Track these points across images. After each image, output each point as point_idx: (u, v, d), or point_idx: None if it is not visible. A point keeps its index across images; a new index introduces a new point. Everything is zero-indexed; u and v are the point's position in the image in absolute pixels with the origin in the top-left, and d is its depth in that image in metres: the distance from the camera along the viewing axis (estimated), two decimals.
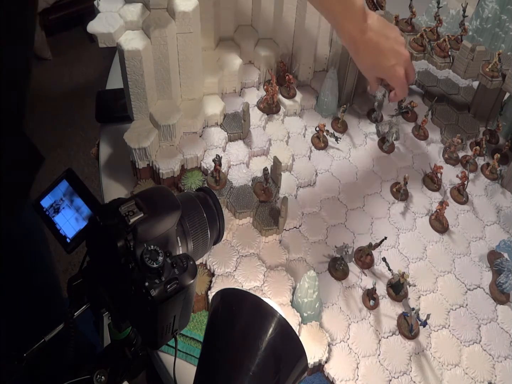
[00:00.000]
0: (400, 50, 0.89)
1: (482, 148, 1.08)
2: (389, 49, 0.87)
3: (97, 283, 0.56)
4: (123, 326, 0.59)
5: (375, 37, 0.85)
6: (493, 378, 0.81)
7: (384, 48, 0.87)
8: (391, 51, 0.88)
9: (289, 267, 0.90)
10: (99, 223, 0.52)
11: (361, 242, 0.94)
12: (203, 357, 0.55)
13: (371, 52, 0.86)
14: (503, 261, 0.91)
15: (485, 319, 0.88)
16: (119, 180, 1.01)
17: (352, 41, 0.86)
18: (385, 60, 0.87)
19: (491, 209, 1.03)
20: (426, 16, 1.31)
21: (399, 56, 0.88)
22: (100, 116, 1.13)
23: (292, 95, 1.13)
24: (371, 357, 0.81)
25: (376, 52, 0.87)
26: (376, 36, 0.86)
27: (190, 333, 0.82)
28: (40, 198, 0.81)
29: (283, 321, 0.52)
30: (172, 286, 0.50)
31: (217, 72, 1.07)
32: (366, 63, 0.89)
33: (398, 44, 0.90)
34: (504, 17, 1.21)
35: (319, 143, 1.08)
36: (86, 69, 2.74)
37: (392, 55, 0.88)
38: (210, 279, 0.86)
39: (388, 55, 0.87)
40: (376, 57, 0.87)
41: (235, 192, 0.95)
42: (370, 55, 0.87)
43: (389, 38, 0.88)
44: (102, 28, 0.86)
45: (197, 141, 1.01)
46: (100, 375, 0.62)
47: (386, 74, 0.90)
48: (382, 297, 0.88)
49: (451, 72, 1.21)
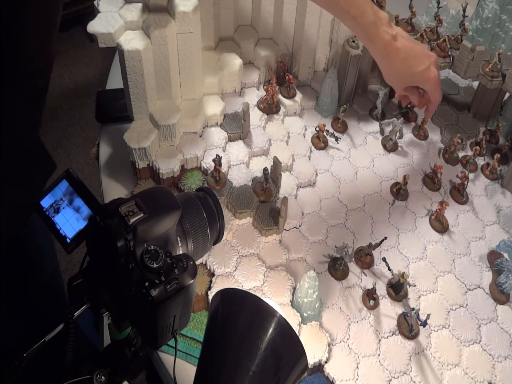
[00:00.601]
0: (429, 52, 0.91)
1: (482, 148, 1.08)
2: (421, 53, 0.88)
3: (97, 283, 0.56)
4: (123, 326, 0.59)
5: (407, 43, 0.86)
6: (493, 378, 0.81)
7: (417, 52, 0.87)
8: (423, 54, 0.88)
9: (289, 267, 0.90)
10: (99, 223, 0.52)
11: (361, 242, 0.94)
12: (203, 357, 0.55)
13: (404, 58, 0.86)
14: (503, 261, 0.91)
15: (485, 319, 0.88)
16: (119, 180, 1.01)
17: (385, 49, 0.86)
18: (419, 64, 0.87)
19: (491, 209, 1.03)
20: (426, 16, 1.31)
21: (430, 57, 0.89)
22: (100, 116, 1.13)
23: (292, 95, 1.13)
24: (371, 357, 0.81)
25: (410, 58, 0.87)
26: (408, 42, 0.87)
27: (190, 333, 0.82)
28: (40, 198, 0.81)
29: (283, 321, 0.52)
30: (172, 286, 0.50)
31: (217, 72, 1.07)
32: (398, 72, 0.89)
33: (425, 48, 0.91)
34: (504, 17, 1.21)
35: (319, 143, 1.08)
36: (86, 69, 2.74)
37: (425, 58, 0.88)
38: (210, 279, 0.86)
39: (422, 58, 0.88)
40: (409, 63, 0.87)
41: (235, 192, 0.95)
42: (403, 61, 0.87)
43: (417, 43, 0.90)
44: (102, 28, 0.86)
45: (197, 141, 1.01)
46: (100, 375, 0.62)
47: (421, 79, 0.90)
48: (382, 297, 0.88)
49: (451, 72, 1.21)
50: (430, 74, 0.89)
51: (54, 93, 2.60)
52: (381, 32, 0.84)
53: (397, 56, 0.86)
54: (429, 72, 0.88)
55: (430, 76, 0.89)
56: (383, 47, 0.85)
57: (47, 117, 2.48)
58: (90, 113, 1.16)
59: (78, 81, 2.68)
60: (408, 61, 0.87)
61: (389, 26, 0.85)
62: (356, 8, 0.82)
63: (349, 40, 1.09)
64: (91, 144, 2.17)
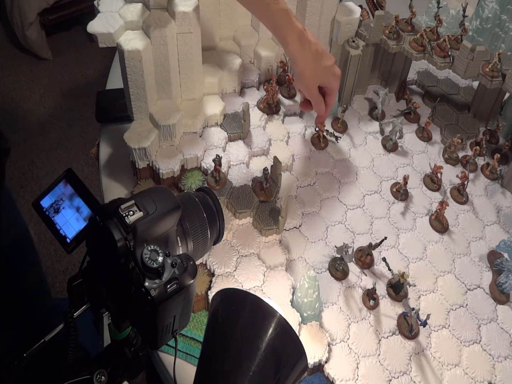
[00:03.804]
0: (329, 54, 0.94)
1: (482, 148, 1.08)
2: (325, 49, 0.91)
3: (97, 283, 0.56)
4: (123, 326, 0.59)
5: (313, 37, 0.89)
6: (493, 378, 0.81)
7: (322, 48, 0.90)
8: (326, 51, 0.92)
9: (289, 267, 0.90)
10: (99, 223, 0.52)
11: (361, 242, 0.94)
12: (203, 357, 0.55)
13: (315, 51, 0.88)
14: (503, 261, 0.91)
15: (485, 319, 0.88)
16: (119, 180, 1.01)
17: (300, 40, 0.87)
18: (327, 59, 0.90)
19: (491, 209, 1.03)
20: (426, 16, 1.31)
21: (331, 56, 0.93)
22: (100, 116, 1.13)
23: (292, 95, 1.13)
24: (371, 357, 0.81)
25: (319, 51, 0.89)
26: (313, 36, 0.89)
27: (190, 333, 0.82)
28: (40, 198, 0.81)
29: (283, 321, 0.52)
30: (172, 286, 0.50)
31: (217, 72, 1.07)
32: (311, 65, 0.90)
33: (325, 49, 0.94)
34: (504, 17, 1.21)
35: (319, 143, 1.08)
36: (86, 69, 2.74)
37: (329, 55, 0.92)
38: (210, 279, 0.86)
39: (327, 54, 0.91)
40: (320, 57, 0.89)
41: (235, 192, 0.95)
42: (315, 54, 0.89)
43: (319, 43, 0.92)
44: (102, 28, 0.86)
45: (197, 141, 1.01)
46: (100, 375, 0.62)
47: (329, 74, 0.92)
48: (382, 297, 0.88)
49: (451, 72, 1.21)
50: (336, 71, 0.92)
51: (54, 93, 2.60)
52: (293, 20, 0.85)
53: (310, 48, 0.87)
54: (335, 68, 0.92)
55: (336, 72, 0.92)
56: (298, 37, 0.86)
57: (47, 117, 2.48)
58: (90, 113, 1.16)
59: (78, 81, 2.68)
60: (318, 54, 0.89)
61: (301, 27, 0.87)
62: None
63: (349, 40, 1.09)
64: (91, 144, 2.18)
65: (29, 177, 2.23)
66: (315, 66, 0.90)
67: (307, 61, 0.89)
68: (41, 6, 2.53)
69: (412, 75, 1.23)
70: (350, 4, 1.11)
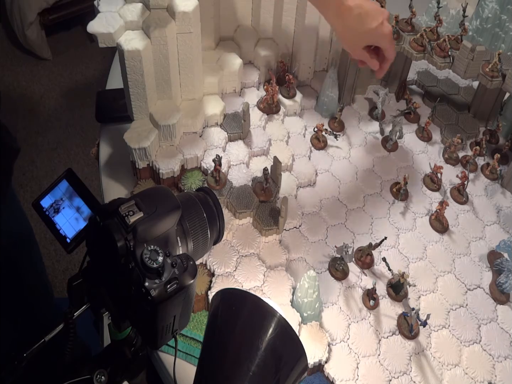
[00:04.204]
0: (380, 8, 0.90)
1: (482, 148, 1.08)
2: (373, 9, 0.87)
3: (97, 283, 0.56)
4: (123, 326, 0.59)
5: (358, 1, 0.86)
6: (493, 378, 0.81)
7: (369, 8, 0.87)
8: (375, 10, 0.88)
9: (289, 267, 0.90)
10: (99, 223, 0.52)
11: (361, 242, 0.94)
12: (203, 357, 0.55)
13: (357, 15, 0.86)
14: (503, 261, 0.91)
15: (485, 319, 0.88)
16: (119, 180, 1.01)
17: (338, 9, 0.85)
18: (372, 20, 0.87)
19: (491, 209, 1.03)
20: (426, 16, 1.31)
21: (382, 13, 0.89)
22: (100, 116, 1.13)
23: (292, 95, 1.13)
24: (371, 357, 0.81)
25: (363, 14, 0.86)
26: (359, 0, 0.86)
27: (190, 333, 0.82)
28: (40, 198, 0.81)
29: (283, 321, 0.52)
30: (172, 286, 0.50)
31: (217, 72, 1.07)
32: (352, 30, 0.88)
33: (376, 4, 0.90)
34: (504, 17, 1.21)
35: (318, 143, 1.08)
36: (86, 69, 2.74)
37: (377, 13, 0.88)
38: (210, 279, 0.86)
39: (374, 15, 0.87)
40: (363, 20, 0.86)
41: (235, 192, 0.95)
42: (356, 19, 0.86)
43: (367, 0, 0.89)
44: (102, 28, 0.86)
45: (197, 141, 1.01)
46: (100, 375, 0.61)
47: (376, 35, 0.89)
48: (382, 297, 0.88)
49: (451, 72, 1.21)
50: (384, 30, 0.88)
51: (54, 93, 2.60)
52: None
53: (350, 14, 0.85)
54: (383, 27, 0.88)
55: (384, 31, 0.88)
56: (336, 7, 0.85)
57: (47, 117, 2.48)
58: (90, 113, 1.16)
59: (78, 81, 2.68)
60: (361, 18, 0.86)
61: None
62: None
63: None
64: (91, 144, 2.17)
65: (29, 177, 2.23)
66: (356, 31, 0.87)
67: (345, 28, 0.87)
68: (41, 6, 2.53)
69: (412, 75, 1.23)
70: None
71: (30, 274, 1.08)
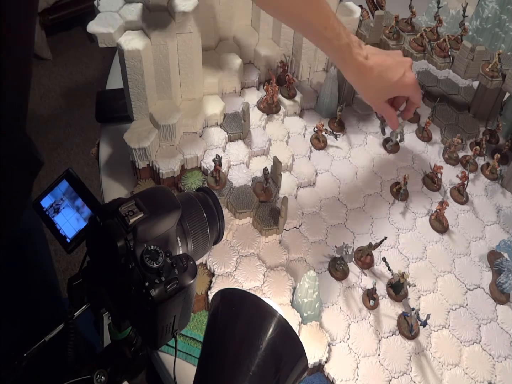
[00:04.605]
0: (402, 58, 0.91)
1: (482, 148, 1.08)
2: (394, 63, 0.88)
3: (97, 283, 0.56)
4: (123, 326, 0.59)
5: (378, 59, 0.87)
6: (493, 378, 0.81)
7: (389, 64, 0.88)
8: (396, 63, 0.89)
9: (289, 267, 0.90)
10: (99, 223, 0.52)
11: (361, 242, 0.94)
12: (203, 357, 0.55)
13: (378, 74, 0.87)
14: (503, 261, 0.91)
15: (485, 319, 0.88)
16: (119, 180, 1.01)
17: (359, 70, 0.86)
18: (394, 75, 0.88)
19: (491, 209, 1.03)
20: (426, 16, 1.31)
21: (404, 64, 0.90)
22: (100, 116, 1.13)
23: (292, 95, 1.13)
24: (371, 357, 0.81)
25: (383, 72, 0.87)
26: (379, 57, 0.87)
27: (190, 333, 0.82)
28: (40, 198, 0.81)
29: (283, 321, 0.52)
30: (172, 286, 0.50)
31: (217, 72, 1.07)
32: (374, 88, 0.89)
33: (397, 55, 0.91)
34: (504, 17, 1.21)
35: (318, 143, 1.08)
36: (86, 69, 2.74)
37: (398, 67, 0.89)
38: (210, 279, 0.86)
39: (395, 68, 0.88)
40: (384, 77, 0.87)
41: (235, 192, 0.95)
42: (377, 78, 0.87)
43: (388, 54, 0.91)
44: (102, 28, 0.86)
45: (197, 141, 1.01)
46: (100, 375, 0.61)
47: (398, 87, 0.90)
48: (382, 297, 0.88)
49: (451, 72, 1.21)
50: (406, 81, 0.89)
51: (54, 93, 2.60)
52: (354, 54, 0.84)
53: (371, 74, 0.86)
54: (405, 78, 0.89)
55: (407, 82, 0.89)
56: (357, 68, 0.86)
57: (47, 117, 2.48)
58: (90, 113, 1.16)
59: (78, 81, 2.68)
60: (382, 76, 0.87)
61: (359, 47, 0.86)
62: (331, 30, 0.82)
63: None
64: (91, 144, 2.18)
65: None
66: (379, 89, 0.89)
67: (369, 88, 0.89)
68: (41, 6, 2.53)
69: None
70: (350, 4, 1.11)
71: (36, 270, 1.08)
